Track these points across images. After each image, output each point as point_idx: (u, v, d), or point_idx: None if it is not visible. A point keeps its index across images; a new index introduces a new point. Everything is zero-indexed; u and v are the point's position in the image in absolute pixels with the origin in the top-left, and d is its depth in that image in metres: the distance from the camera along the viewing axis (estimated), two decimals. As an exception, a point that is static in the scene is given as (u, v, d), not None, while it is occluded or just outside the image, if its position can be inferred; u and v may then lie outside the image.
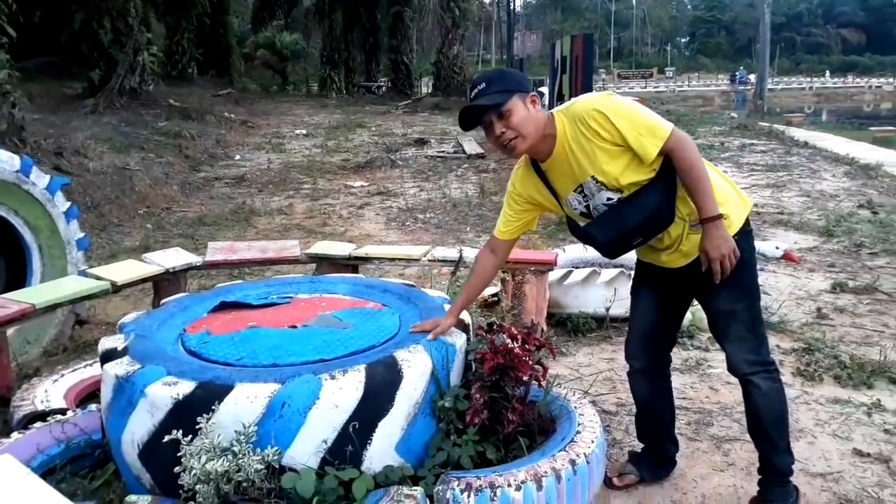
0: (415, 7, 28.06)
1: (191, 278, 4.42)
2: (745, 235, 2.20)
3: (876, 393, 3.21)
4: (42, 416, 2.57)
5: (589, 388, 3.30)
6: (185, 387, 2.13)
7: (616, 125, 2.09)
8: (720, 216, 2.11)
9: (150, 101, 14.06)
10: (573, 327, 4.03)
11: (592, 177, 2.18)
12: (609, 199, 2.20)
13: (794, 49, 76.20)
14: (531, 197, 2.38)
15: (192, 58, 22.31)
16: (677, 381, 3.39)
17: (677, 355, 3.75)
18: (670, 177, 2.16)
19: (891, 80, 50.66)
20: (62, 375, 2.95)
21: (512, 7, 39.24)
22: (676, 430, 2.86)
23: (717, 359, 3.67)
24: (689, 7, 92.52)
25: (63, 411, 2.58)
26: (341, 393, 2.17)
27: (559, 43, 9.32)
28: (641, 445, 2.66)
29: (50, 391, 2.81)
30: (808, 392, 3.25)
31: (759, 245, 4.39)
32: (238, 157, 11.83)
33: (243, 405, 2.10)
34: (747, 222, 2.24)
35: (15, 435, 2.40)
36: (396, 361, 2.31)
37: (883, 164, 9.55)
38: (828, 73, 54.99)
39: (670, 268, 2.30)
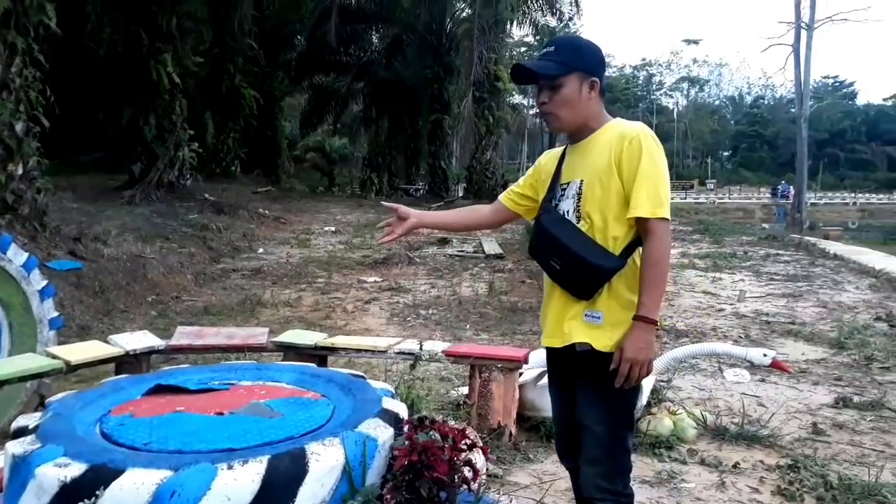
0: (453, 115, 29.06)
1: (162, 363, 4.38)
2: None
3: (859, 518, 2.92)
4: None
5: (542, 496, 3.08)
6: (75, 469, 2.04)
7: (640, 159, 2.04)
8: (655, 323, 2.04)
9: (187, 194, 14.60)
10: (546, 433, 3.81)
11: (582, 181, 2.15)
12: (567, 211, 2.18)
13: (838, 165, 76.06)
14: (540, 173, 2.37)
15: (236, 156, 23.33)
16: (644, 494, 3.16)
17: (650, 466, 3.52)
18: (623, 259, 2.10)
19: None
20: (-7, 454, 2.87)
21: (552, 117, 40.26)
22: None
23: (693, 472, 3.42)
24: (731, 122, 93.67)
25: (-25, 491, 2.48)
26: (235, 484, 2.04)
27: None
28: None
29: (-28, 470, 2.72)
30: (784, 514, 2.97)
31: (747, 351, 4.17)
32: (261, 250, 12.05)
33: (129, 491, 1.99)
34: None
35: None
36: (304, 454, 2.18)
37: (913, 277, 9.16)
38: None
39: (552, 347, 2.23)
